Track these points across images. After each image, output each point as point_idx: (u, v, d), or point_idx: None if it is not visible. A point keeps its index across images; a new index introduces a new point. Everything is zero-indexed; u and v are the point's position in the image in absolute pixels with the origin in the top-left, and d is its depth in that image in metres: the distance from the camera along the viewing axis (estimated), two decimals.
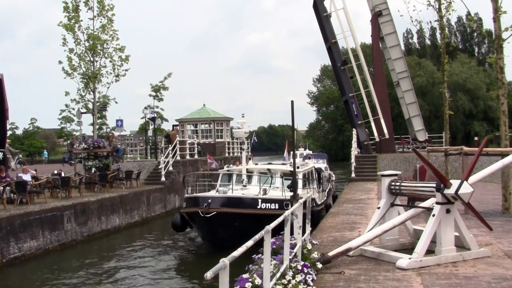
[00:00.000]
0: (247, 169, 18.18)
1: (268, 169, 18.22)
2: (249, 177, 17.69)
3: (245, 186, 16.99)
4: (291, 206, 11.59)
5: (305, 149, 39.75)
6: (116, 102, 29.44)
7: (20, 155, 31.35)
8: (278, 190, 16.36)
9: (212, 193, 16.49)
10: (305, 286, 6.56)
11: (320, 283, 7.15)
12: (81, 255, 16.76)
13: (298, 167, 17.26)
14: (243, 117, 21.37)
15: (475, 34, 77.77)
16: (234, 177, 17.71)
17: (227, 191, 15.72)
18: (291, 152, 18.16)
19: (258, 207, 15.17)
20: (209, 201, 14.82)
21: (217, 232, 14.92)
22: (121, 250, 17.38)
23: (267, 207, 15.22)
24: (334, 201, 22.75)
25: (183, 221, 16.65)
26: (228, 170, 19.31)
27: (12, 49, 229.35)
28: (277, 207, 15.27)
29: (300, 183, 17.18)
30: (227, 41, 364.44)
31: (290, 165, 17.20)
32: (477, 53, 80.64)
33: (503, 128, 13.66)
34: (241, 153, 18.31)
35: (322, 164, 31.67)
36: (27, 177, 19.17)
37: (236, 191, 16.24)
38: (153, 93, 47.99)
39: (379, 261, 8.45)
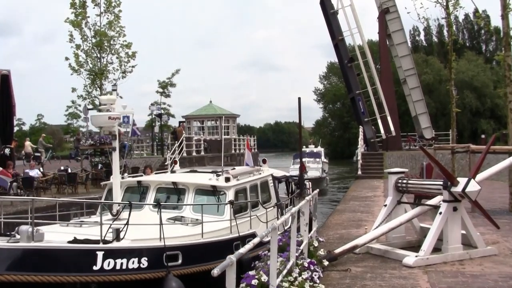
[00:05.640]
0: (140, 182, 11.36)
1: (174, 183, 10.69)
2: (144, 197, 10.76)
3: (115, 215, 8.95)
4: (294, 205, 11.41)
5: (316, 147, 38.53)
6: (121, 97, 29.39)
7: (53, 152, 31.56)
8: (180, 223, 9.38)
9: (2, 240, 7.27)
10: (311, 283, 6.56)
11: (327, 280, 7.15)
12: None
13: (228, 179, 10.40)
14: (113, 93, 14.19)
15: (483, 31, 77.22)
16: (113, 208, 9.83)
17: (27, 235, 6.90)
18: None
19: (96, 267, 7.05)
20: None
21: None
22: None
23: (117, 267, 7.22)
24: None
25: None
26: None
27: (19, 45, 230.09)
28: (145, 265, 7.47)
29: (227, 209, 9.82)
30: (233, 38, 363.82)
31: (217, 176, 10.69)
32: (485, 51, 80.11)
33: (511, 126, 13.59)
34: (111, 154, 10.65)
35: (316, 164, 29.91)
36: (33, 173, 19.27)
37: (75, 228, 8.96)
38: (160, 90, 48.00)
39: (385, 258, 8.45)
